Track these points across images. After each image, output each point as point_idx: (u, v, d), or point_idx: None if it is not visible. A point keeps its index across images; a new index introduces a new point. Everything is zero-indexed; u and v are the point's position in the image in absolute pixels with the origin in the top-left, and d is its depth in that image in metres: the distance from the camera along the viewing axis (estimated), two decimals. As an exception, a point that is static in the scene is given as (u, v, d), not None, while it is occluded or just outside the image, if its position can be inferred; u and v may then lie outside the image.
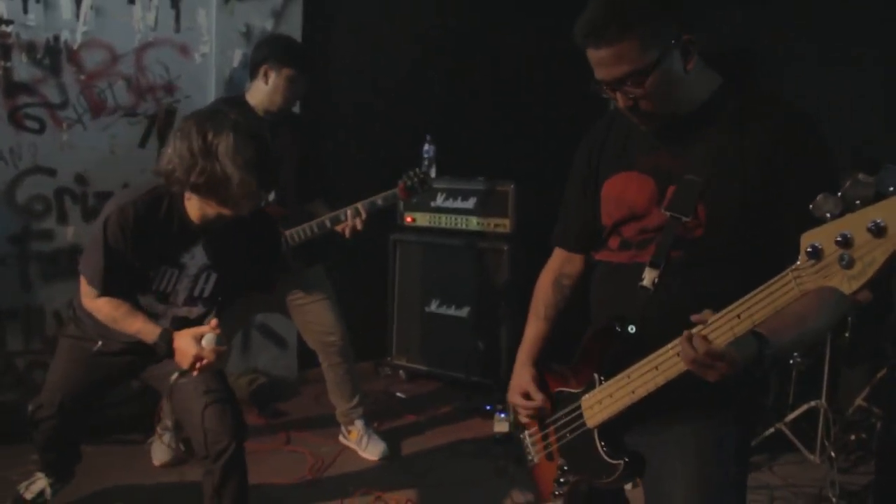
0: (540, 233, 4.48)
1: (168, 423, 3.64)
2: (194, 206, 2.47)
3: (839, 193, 1.27)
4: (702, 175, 1.67)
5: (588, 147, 1.95)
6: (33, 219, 4.11)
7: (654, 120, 1.72)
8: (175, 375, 2.44)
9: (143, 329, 2.48)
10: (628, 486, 1.84)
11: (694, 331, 1.50)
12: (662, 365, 1.59)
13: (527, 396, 1.98)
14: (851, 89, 4.58)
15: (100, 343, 2.71)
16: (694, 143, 1.71)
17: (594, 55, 1.65)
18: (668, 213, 1.70)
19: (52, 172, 4.13)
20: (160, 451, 3.63)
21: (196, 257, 2.58)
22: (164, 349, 2.43)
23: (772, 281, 1.40)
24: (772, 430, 3.72)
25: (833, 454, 3.49)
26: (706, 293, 1.56)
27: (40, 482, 3.09)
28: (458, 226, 4.86)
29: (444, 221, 4.91)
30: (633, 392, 1.66)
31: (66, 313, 2.86)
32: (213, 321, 2.42)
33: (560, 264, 2.06)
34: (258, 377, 4.59)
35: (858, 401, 3.86)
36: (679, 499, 1.67)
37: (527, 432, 2.03)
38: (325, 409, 4.19)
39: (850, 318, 3.77)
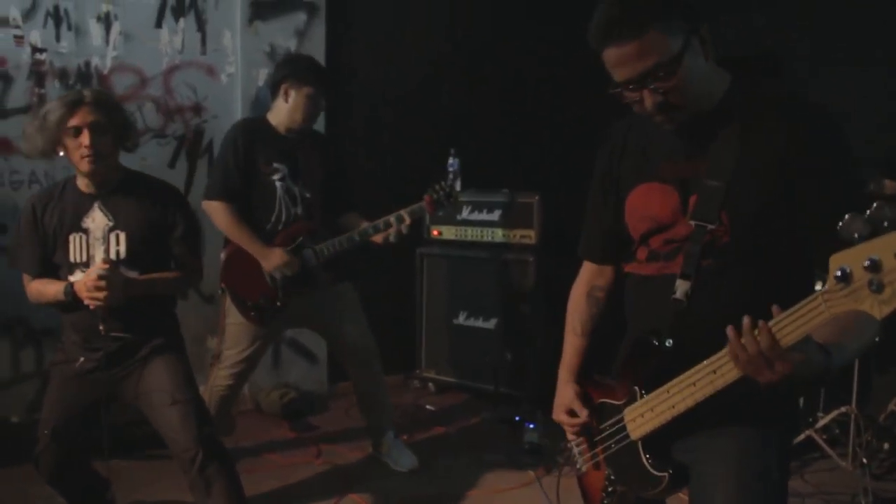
0: (565, 243, 4.51)
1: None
2: (80, 178, 2.81)
3: (866, 214, 1.25)
4: (722, 180, 1.65)
5: (607, 155, 1.92)
6: (68, 240, 4.21)
7: (682, 116, 1.66)
8: (101, 327, 2.70)
9: (56, 290, 2.74)
10: None
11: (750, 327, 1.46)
12: (700, 382, 1.58)
13: (572, 413, 1.97)
14: (854, 91, 4.55)
15: (81, 359, 2.81)
16: (711, 146, 1.68)
17: (616, 54, 1.60)
18: (693, 223, 1.68)
19: (85, 194, 4.23)
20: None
21: (97, 221, 2.78)
22: (70, 296, 2.69)
23: (802, 303, 1.38)
24: (802, 436, 3.69)
25: (865, 460, 3.46)
26: (739, 303, 1.53)
27: None
28: (484, 238, 4.89)
29: (470, 234, 4.95)
30: (673, 407, 1.65)
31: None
32: (102, 259, 2.71)
33: (590, 276, 2.05)
34: (289, 391, 4.64)
35: (891, 406, 3.81)
36: (720, 501, 1.66)
37: (574, 442, 2.02)
38: (356, 422, 4.24)
39: (879, 323, 3.73)
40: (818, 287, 1.61)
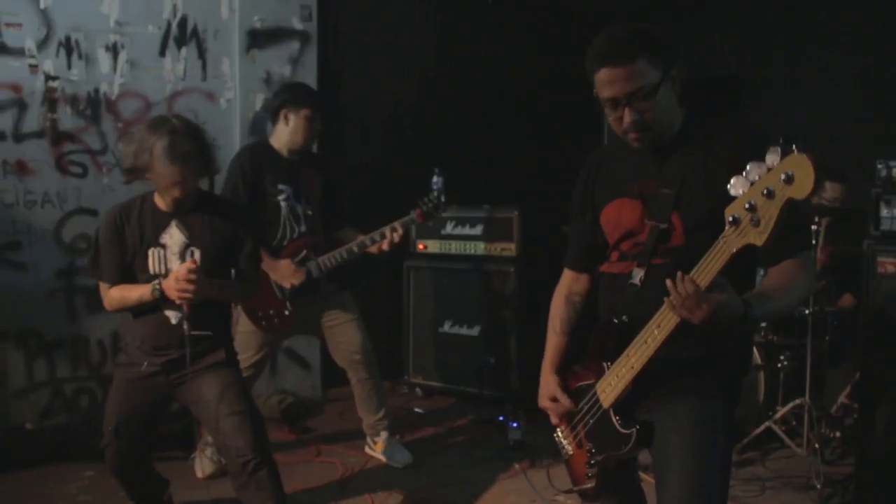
0: (544, 254, 4.86)
1: (209, 438, 3.96)
2: (159, 197, 3.01)
3: (744, 175, 1.69)
4: (673, 188, 2.04)
5: (583, 182, 2.32)
6: (78, 256, 4.48)
7: (651, 136, 2.05)
8: (185, 325, 2.90)
9: (143, 292, 2.94)
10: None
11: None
12: (649, 338, 1.94)
13: (554, 400, 2.32)
14: (824, 110, 4.96)
15: (145, 364, 3.02)
16: (668, 166, 2.08)
17: (610, 74, 1.97)
18: (650, 223, 2.07)
19: (94, 213, 4.51)
20: (204, 463, 3.94)
21: (174, 237, 2.99)
22: (158, 293, 2.89)
23: (710, 250, 1.79)
24: (762, 427, 4.05)
25: (818, 447, 3.81)
26: None
27: None
28: (467, 251, 5.21)
29: (454, 247, 5.26)
30: (632, 367, 2.00)
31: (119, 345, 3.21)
32: (191, 259, 2.92)
33: (569, 283, 2.42)
34: (287, 397, 4.92)
35: (841, 399, 4.19)
36: (677, 462, 2.01)
37: (559, 430, 2.34)
38: (350, 424, 4.53)
39: (830, 322, 4.11)
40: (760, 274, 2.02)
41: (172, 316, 3.00)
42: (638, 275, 2.07)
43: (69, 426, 4.36)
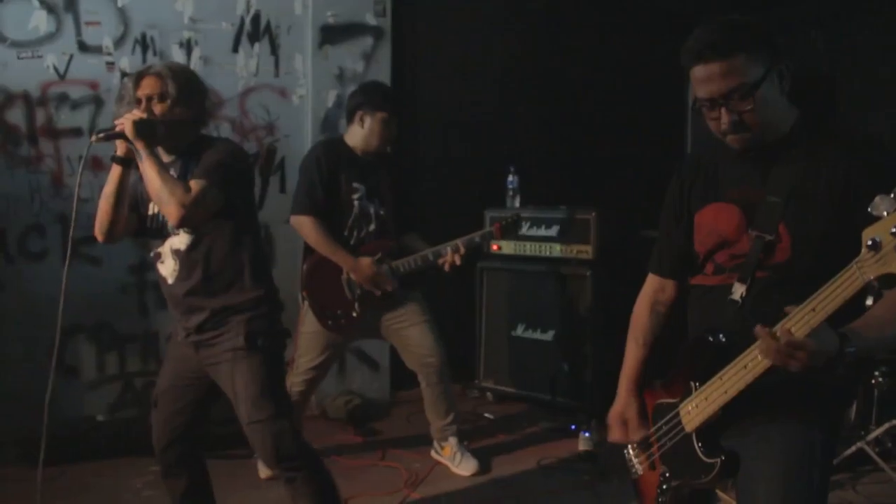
0: (621, 258, 4.65)
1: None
2: None
3: (892, 194, 1.45)
4: (781, 196, 1.84)
5: (679, 183, 2.13)
6: (149, 251, 4.48)
7: (752, 137, 1.86)
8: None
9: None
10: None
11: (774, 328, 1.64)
12: (750, 363, 1.74)
13: (624, 423, 2.14)
14: None
15: (180, 332, 2.81)
16: (775, 172, 1.88)
17: (705, 71, 1.81)
18: (753, 234, 1.87)
19: (166, 208, 4.51)
20: (267, 464, 3.90)
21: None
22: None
23: (839, 274, 1.57)
24: (854, 448, 3.75)
25: (918, 473, 3.52)
26: (790, 303, 1.67)
27: None
28: (543, 253, 5.03)
29: (529, 249, 5.09)
30: (725, 392, 1.80)
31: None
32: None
33: (654, 290, 2.22)
34: (354, 398, 4.85)
35: (945, 421, 3.85)
36: (763, 495, 1.80)
37: (629, 447, 2.17)
38: (417, 428, 4.42)
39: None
40: (868, 302, 1.78)
41: (164, 270, 2.78)
42: (739, 291, 1.88)
43: (139, 420, 4.38)
